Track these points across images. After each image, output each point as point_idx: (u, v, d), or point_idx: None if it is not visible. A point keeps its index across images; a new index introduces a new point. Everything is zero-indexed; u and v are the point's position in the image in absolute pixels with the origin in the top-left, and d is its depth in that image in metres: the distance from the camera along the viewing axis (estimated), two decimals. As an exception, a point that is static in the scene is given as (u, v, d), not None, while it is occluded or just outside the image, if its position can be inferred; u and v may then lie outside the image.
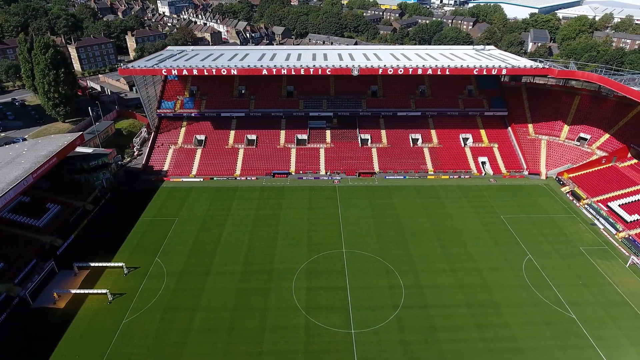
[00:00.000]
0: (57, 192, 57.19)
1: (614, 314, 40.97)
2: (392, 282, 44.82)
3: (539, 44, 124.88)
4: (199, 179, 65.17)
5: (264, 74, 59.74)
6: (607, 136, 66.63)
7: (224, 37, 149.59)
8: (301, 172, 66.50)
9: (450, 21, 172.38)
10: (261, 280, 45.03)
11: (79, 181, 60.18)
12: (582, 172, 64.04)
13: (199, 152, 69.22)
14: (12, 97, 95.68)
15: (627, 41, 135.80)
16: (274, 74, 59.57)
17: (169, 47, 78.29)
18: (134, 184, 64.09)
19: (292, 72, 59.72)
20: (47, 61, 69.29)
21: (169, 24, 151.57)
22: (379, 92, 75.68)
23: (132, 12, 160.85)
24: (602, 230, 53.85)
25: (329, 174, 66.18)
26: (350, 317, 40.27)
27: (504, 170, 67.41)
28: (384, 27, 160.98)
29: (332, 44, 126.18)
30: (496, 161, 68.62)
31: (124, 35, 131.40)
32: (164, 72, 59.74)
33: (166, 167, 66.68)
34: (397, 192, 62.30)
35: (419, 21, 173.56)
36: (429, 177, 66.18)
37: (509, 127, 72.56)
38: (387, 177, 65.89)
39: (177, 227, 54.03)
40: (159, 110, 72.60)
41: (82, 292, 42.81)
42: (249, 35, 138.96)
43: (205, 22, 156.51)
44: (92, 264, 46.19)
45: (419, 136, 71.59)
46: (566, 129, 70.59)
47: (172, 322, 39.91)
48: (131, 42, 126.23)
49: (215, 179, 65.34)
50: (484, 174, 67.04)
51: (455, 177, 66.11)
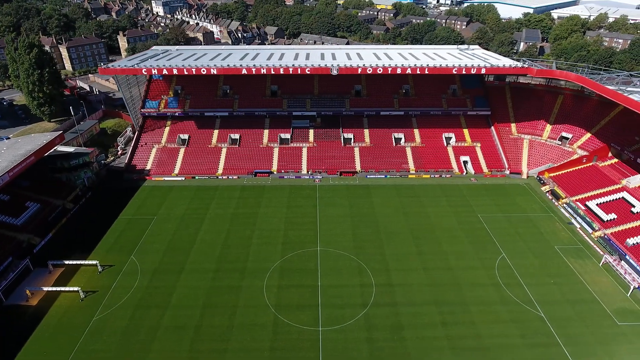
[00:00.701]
0: (38, 191, 57.56)
1: (583, 313, 41.07)
2: (363, 280, 45.01)
3: (529, 44, 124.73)
4: (180, 178, 65.46)
5: (243, 73, 59.95)
6: (588, 135, 66.66)
7: (216, 37, 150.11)
8: (283, 171, 66.73)
9: (444, 21, 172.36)
10: (233, 278, 45.28)
11: (60, 180, 60.60)
12: (563, 172, 64.08)
13: (182, 151, 69.52)
14: (2, 96, 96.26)
15: (619, 41, 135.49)
16: (254, 73, 59.77)
17: (153, 47, 78.57)
18: (116, 183, 64.41)
19: (272, 72, 59.93)
20: (31, 61, 69.76)
21: (162, 24, 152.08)
22: (363, 92, 75.84)
23: (126, 12, 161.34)
24: (578, 229, 53.90)
25: (310, 173, 66.38)
26: (319, 315, 40.50)
27: (485, 169, 67.50)
28: (377, 27, 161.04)
29: (323, 43, 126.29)
30: (478, 160, 68.71)
31: (116, 35, 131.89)
32: (144, 71, 60.02)
33: (149, 166, 66.98)
34: (377, 191, 62.47)
35: (413, 21, 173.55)
36: (410, 176, 66.32)
37: (492, 127, 72.64)
38: (368, 177, 66.05)
39: (155, 225, 54.31)
40: (143, 109, 72.90)
41: (55, 289, 43.11)
42: (240, 35, 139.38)
43: (197, 22, 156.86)
44: (67, 262, 46.49)
45: (401, 135, 71.71)
46: (548, 128, 70.63)
47: (142, 320, 40.21)
48: (123, 42, 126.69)
49: (197, 178, 65.63)
50: (465, 173, 67.15)
51: (436, 176, 66.22)
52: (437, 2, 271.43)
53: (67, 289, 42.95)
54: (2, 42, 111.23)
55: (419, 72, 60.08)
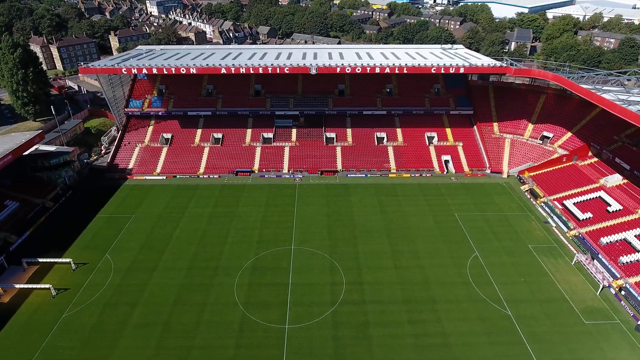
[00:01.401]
0: (18, 190, 57.90)
1: (551, 311, 41.18)
2: (334, 278, 45.20)
3: (519, 44, 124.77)
4: (162, 177, 65.74)
5: (222, 72, 60.26)
6: (569, 135, 66.70)
7: (209, 36, 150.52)
8: (264, 170, 66.99)
9: (437, 21, 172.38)
10: (205, 276, 45.54)
11: (41, 179, 60.93)
12: (543, 171, 64.14)
13: (165, 150, 69.83)
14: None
15: (611, 40, 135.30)
16: (232, 72, 60.06)
17: (138, 47, 78.97)
18: (97, 182, 64.70)
19: (251, 71, 60.21)
20: (15, 60, 70.15)
21: (155, 24, 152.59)
22: (347, 91, 76.01)
23: (120, 12, 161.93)
24: (554, 228, 53.98)
25: (291, 172, 66.63)
26: (287, 312, 40.74)
27: (466, 168, 67.60)
28: (370, 27, 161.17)
29: (314, 43, 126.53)
30: (459, 160, 68.82)
31: (107, 35, 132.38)
32: (124, 70, 60.33)
33: (131, 166, 67.31)
34: (356, 190, 62.63)
35: (407, 21, 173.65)
36: (390, 175, 66.46)
37: (475, 126, 72.74)
38: (348, 176, 66.24)
39: (132, 224, 54.61)
40: (126, 109, 73.27)
41: (27, 287, 43.44)
42: (232, 35, 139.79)
43: (190, 22, 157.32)
44: (41, 260, 46.84)
45: (384, 135, 71.89)
46: (530, 127, 70.69)
47: (111, 317, 40.50)
48: (114, 42, 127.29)
49: (178, 177, 65.95)
50: (446, 173, 67.29)
51: (417, 175, 66.36)
52: (434, 1, 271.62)
53: (39, 286, 43.32)
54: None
55: (397, 72, 60.30)
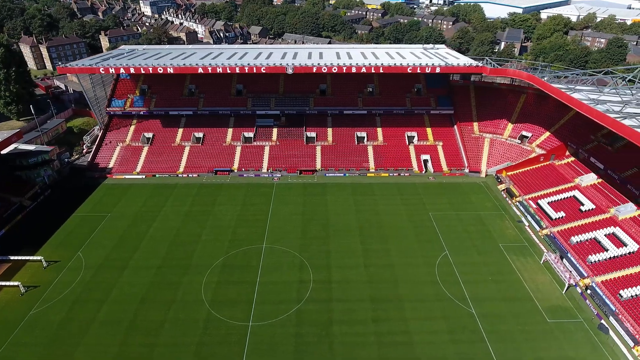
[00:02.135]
0: (-4, 188, 58.44)
1: (515, 310, 41.37)
2: (303, 277, 45.44)
3: (508, 43, 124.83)
4: (141, 176, 66.08)
5: (199, 72, 60.57)
6: (547, 134, 66.83)
7: (200, 36, 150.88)
8: (243, 169, 67.29)
9: (430, 21, 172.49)
10: (175, 274, 45.80)
11: (20, 178, 61.31)
12: (520, 170, 64.29)
13: (146, 149, 70.14)
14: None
15: (602, 40, 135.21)
16: (209, 72, 60.35)
17: (121, 46, 79.36)
18: (77, 181, 65.03)
19: (227, 70, 60.46)
20: (-3, 60, 70.69)
21: (147, 24, 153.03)
22: (328, 91, 76.22)
23: (113, 12, 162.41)
24: (527, 227, 54.16)
25: (270, 171, 66.92)
26: (251, 310, 41.06)
27: (445, 168, 67.79)
28: (362, 27, 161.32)
29: (304, 43, 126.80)
30: (439, 159, 69.00)
31: (98, 35, 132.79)
32: (102, 70, 60.67)
33: (111, 165, 67.66)
34: (333, 189, 62.86)
35: (400, 21, 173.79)
36: (368, 174, 66.68)
37: (455, 126, 72.92)
38: (327, 175, 66.47)
39: (108, 222, 54.92)
40: (108, 108, 73.63)
41: (-4, 284, 44.01)
42: (222, 35, 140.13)
43: (181, 22, 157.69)
44: (13, 258, 47.22)
45: (364, 134, 72.11)
46: (510, 127, 70.85)
47: (78, 314, 40.85)
48: (105, 42, 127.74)
49: (157, 176, 66.28)
50: (424, 172, 67.48)
51: (395, 174, 66.57)
52: (430, 1, 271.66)
53: (8, 283, 43.67)
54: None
55: (373, 71, 60.61)
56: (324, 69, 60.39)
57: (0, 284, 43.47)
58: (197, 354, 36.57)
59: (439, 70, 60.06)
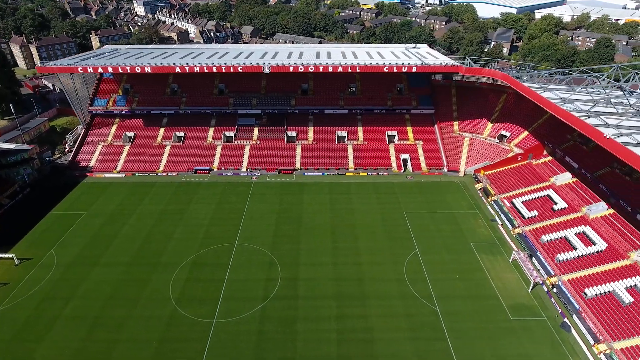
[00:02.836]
0: (-26, 186, 58.88)
1: (479, 308, 41.50)
2: (271, 274, 45.70)
3: (497, 43, 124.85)
4: (121, 175, 66.49)
5: (177, 71, 60.88)
6: (525, 134, 66.89)
7: (191, 36, 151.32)
8: (223, 168, 67.62)
9: (423, 21, 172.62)
10: (144, 272, 46.09)
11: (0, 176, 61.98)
12: (498, 169, 64.42)
13: (127, 148, 70.51)
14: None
15: (592, 40, 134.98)
16: (187, 71, 60.64)
17: (105, 46, 79.81)
18: (57, 179, 65.41)
19: (205, 70, 60.74)
20: (-20, 59, 71.29)
21: (139, 24, 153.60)
22: (310, 90, 76.49)
23: (105, 12, 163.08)
24: (499, 226, 54.26)
25: (249, 170, 67.21)
26: (217, 307, 41.35)
27: (424, 167, 67.94)
28: (354, 27, 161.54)
29: (293, 42, 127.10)
30: (418, 158, 69.15)
31: (89, 34, 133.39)
32: (80, 69, 61.03)
33: (92, 163, 68.09)
34: (310, 188, 63.09)
35: (393, 20, 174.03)
36: (347, 174, 66.87)
37: (436, 125, 73.04)
38: (305, 174, 66.73)
39: (83, 221, 55.28)
40: (91, 107, 74.06)
41: (-35, 281, 44.42)
42: (213, 34, 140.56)
43: (172, 21, 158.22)
44: (-16, 255, 47.80)
45: (345, 133, 72.34)
46: (489, 126, 70.95)
47: (45, 311, 41.18)
48: (95, 42, 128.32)
49: (137, 174, 66.64)
50: (403, 171, 67.66)
51: (373, 174, 66.77)
52: (426, 1, 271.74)
53: (-23, 280, 44.25)
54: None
55: (350, 71, 60.81)
56: (301, 69, 60.64)
57: (-31, 280, 44.09)
58: (157, 350, 36.84)
59: (415, 69, 60.20)
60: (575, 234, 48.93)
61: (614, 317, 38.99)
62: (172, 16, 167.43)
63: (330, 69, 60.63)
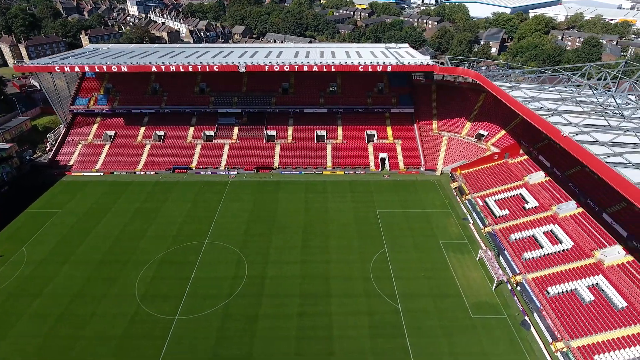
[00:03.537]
0: (-48, 185, 59.42)
1: (442, 306, 41.70)
2: (238, 272, 45.97)
3: (485, 43, 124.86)
4: (100, 174, 66.91)
5: (153, 70, 61.25)
6: (502, 133, 67.01)
7: (183, 36, 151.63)
8: (201, 167, 67.96)
9: (416, 20, 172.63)
10: (113, 269, 46.44)
11: (-23, 174, 62.44)
12: (474, 168, 64.59)
13: (107, 147, 70.93)
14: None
15: (582, 40, 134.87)
16: (162, 70, 60.96)
17: (88, 45, 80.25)
18: (36, 178, 65.82)
19: (180, 69, 61.08)
20: (-38, 59, 71.76)
21: (131, 23, 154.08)
22: (290, 90, 76.75)
23: (98, 12, 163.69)
24: (471, 225, 54.44)
25: (227, 169, 67.54)
26: (180, 305, 41.66)
27: (402, 166, 68.15)
28: (346, 26, 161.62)
29: (282, 42, 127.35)
30: (396, 157, 69.35)
31: (80, 34, 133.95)
32: (57, 68, 61.45)
33: (72, 162, 68.55)
34: (286, 187, 63.35)
35: (386, 20, 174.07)
36: (324, 172, 67.12)
37: (415, 124, 73.23)
38: (283, 173, 67.01)
39: (57, 219, 55.68)
40: (72, 106, 74.51)
41: None
42: (203, 34, 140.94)
43: (163, 21, 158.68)
44: (-45, 252, 48.25)
45: (324, 133, 72.60)
46: (468, 125, 71.10)
47: (11, 307, 41.55)
48: (86, 42, 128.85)
49: (115, 173, 67.06)
50: (380, 170, 67.87)
51: (350, 173, 67.00)
52: (422, 1, 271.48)
53: (-54, 278, 44.66)
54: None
55: (325, 70, 61.09)
56: (276, 68, 60.91)
57: (-62, 277, 44.51)
58: (118, 347, 37.20)
59: (390, 68, 60.40)
60: (543, 233, 49.07)
61: (573, 316, 39.17)
62: (165, 16, 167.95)
63: (305, 68, 60.89)
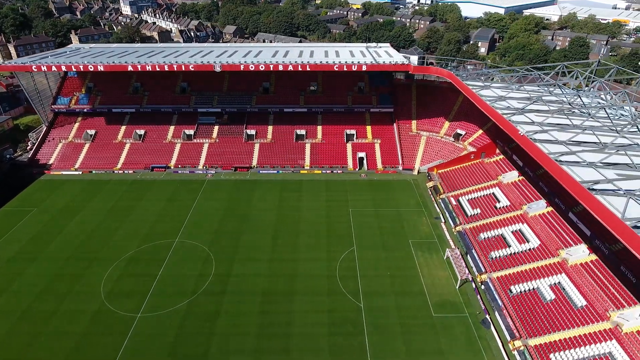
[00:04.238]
0: None
1: (404, 304, 41.74)
2: (205, 270, 46.16)
3: (473, 43, 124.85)
4: (78, 173, 67.24)
5: (129, 69, 61.46)
6: (480, 132, 67.05)
7: (173, 35, 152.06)
8: (179, 166, 68.24)
9: (408, 20, 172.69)
10: (80, 267, 46.66)
11: (-44, 173, 62.90)
12: (451, 168, 64.64)
13: (87, 146, 71.27)
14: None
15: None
16: (139, 69, 61.14)
17: (70, 45, 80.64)
18: (15, 176, 66.19)
19: (157, 68, 61.26)
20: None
21: (122, 23, 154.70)
22: (271, 89, 76.95)
23: (91, 12, 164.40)
24: (442, 224, 54.48)
25: (205, 168, 67.78)
26: (144, 302, 41.89)
27: (380, 165, 68.26)
28: (337, 26, 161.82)
29: (271, 42, 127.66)
30: (374, 157, 69.46)
31: (70, 34, 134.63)
32: (34, 68, 61.79)
33: (52, 161, 68.92)
34: (262, 186, 63.53)
35: (379, 20, 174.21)
36: (302, 172, 67.26)
37: (394, 124, 73.33)
38: (260, 172, 67.21)
39: (31, 217, 55.92)
40: (53, 105, 74.89)
41: None
42: (193, 34, 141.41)
43: (154, 21, 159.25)
44: None
45: (304, 132, 72.78)
46: (446, 125, 71.16)
47: (-26, 305, 42.08)
48: (75, 41, 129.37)
49: (94, 172, 67.39)
50: (358, 170, 67.99)
51: (328, 172, 67.14)
52: (418, 1, 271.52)
53: None
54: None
55: (300, 69, 61.19)
56: (251, 67, 61.09)
57: None
58: (78, 343, 37.37)
59: (364, 68, 60.50)
60: (512, 232, 49.09)
61: (533, 314, 39.24)
62: (157, 16, 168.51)
63: (280, 67, 61.05)
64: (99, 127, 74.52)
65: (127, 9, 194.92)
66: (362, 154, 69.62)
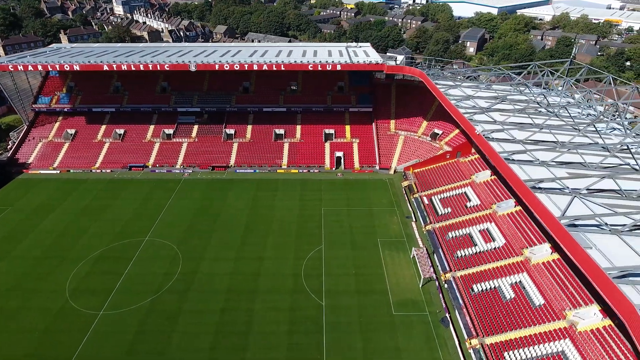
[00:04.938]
0: None
1: (365, 302, 41.94)
2: (171, 269, 46.43)
3: (460, 43, 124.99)
4: (56, 172, 67.62)
5: (105, 69, 61.77)
6: (456, 132, 67.15)
7: (163, 35, 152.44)
8: (157, 165, 68.56)
9: (400, 20, 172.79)
10: (49, 265, 47.00)
11: None
12: (426, 167, 64.78)
13: (66, 145, 71.66)
14: None
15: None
16: (114, 69, 61.47)
17: (52, 45, 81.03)
18: (-7, 175, 66.94)
19: (132, 68, 61.54)
20: None
21: (113, 23, 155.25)
22: (251, 89, 77.20)
23: (83, 11, 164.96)
24: (413, 223, 54.65)
25: (182, 167, 68.08)
26: (107, 300, 42.20)
27: (357, 165, 68.47)
28: (328, 26, 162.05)
29: (260, 41, 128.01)
30: (352, 156, 69.67)
31: (59, 34, 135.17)
32: (10, 67, 62.16)
33: (31, 160, 69.33)
34: (238, 185, 63.81)
35: (371, 20, 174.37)
36: (279, 171, 67.52)
37: (373, 123, 73.52)
38: (237, 171, 67.50)
39: (5, 216, 56.23)
40: (34, 105, 75.27)
41: None
42: (183, 34, 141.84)
43: (144, 21, 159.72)
44: None
45: (283, 131, 73.03)
46: (424, 124, 71.33)
47: (-62, 302, 42.40)
48: (65, 41, 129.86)
49: (71, 171, 67.76)
50: (335, 169, 68.21)
51: (304, 171, 67.37)
52: (413, 1, 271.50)
53: None
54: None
55: (275, 68, 61.46)
56: (226, 66, 61.36)
57: None
58: (38, 340, 37.69)
59: (339, 67, 60.73)
60: (479, 231, 49.20)
61: (492, 313, 39.41)
62: (149, 15, 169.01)
63: (255, 67, 61.33)
64: (79, 126, 74.91)
65: (119, 9, 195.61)
66: (339, 154, 69.76)
